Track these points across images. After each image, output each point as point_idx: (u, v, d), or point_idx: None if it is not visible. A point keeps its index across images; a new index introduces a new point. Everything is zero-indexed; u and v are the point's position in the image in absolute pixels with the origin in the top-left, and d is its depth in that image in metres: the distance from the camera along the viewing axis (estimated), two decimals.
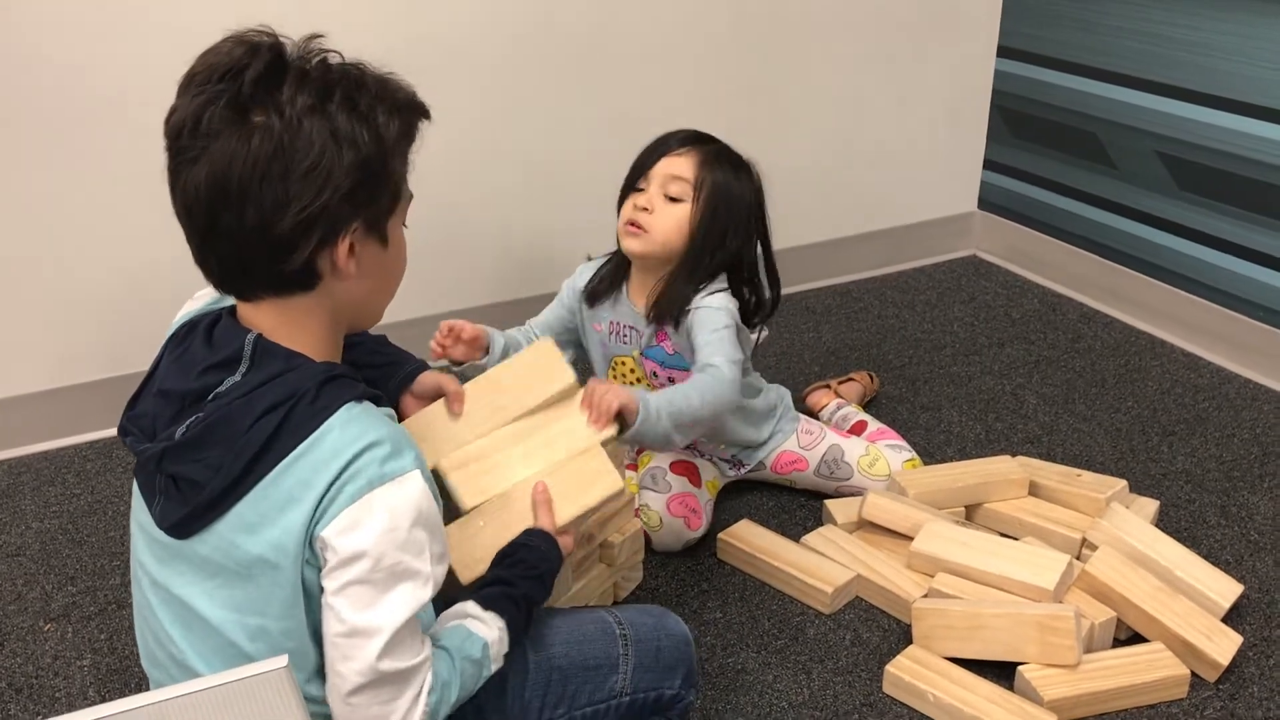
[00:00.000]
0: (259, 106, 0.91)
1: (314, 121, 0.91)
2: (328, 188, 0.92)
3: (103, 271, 2.00)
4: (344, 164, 0.93)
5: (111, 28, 1.85)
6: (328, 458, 0.92)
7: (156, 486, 0.99)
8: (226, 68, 0.93)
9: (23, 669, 1.51)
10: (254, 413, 0.93)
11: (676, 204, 1.56)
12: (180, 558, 0.99)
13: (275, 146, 0.90)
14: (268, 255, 0.94)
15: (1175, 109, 2.24)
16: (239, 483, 0.93)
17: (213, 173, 0.91)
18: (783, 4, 2.35)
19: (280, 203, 0.91)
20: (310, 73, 0.94)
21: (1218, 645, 1.43)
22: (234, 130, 0.90)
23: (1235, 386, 2.15)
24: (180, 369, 1.00)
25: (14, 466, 1.99)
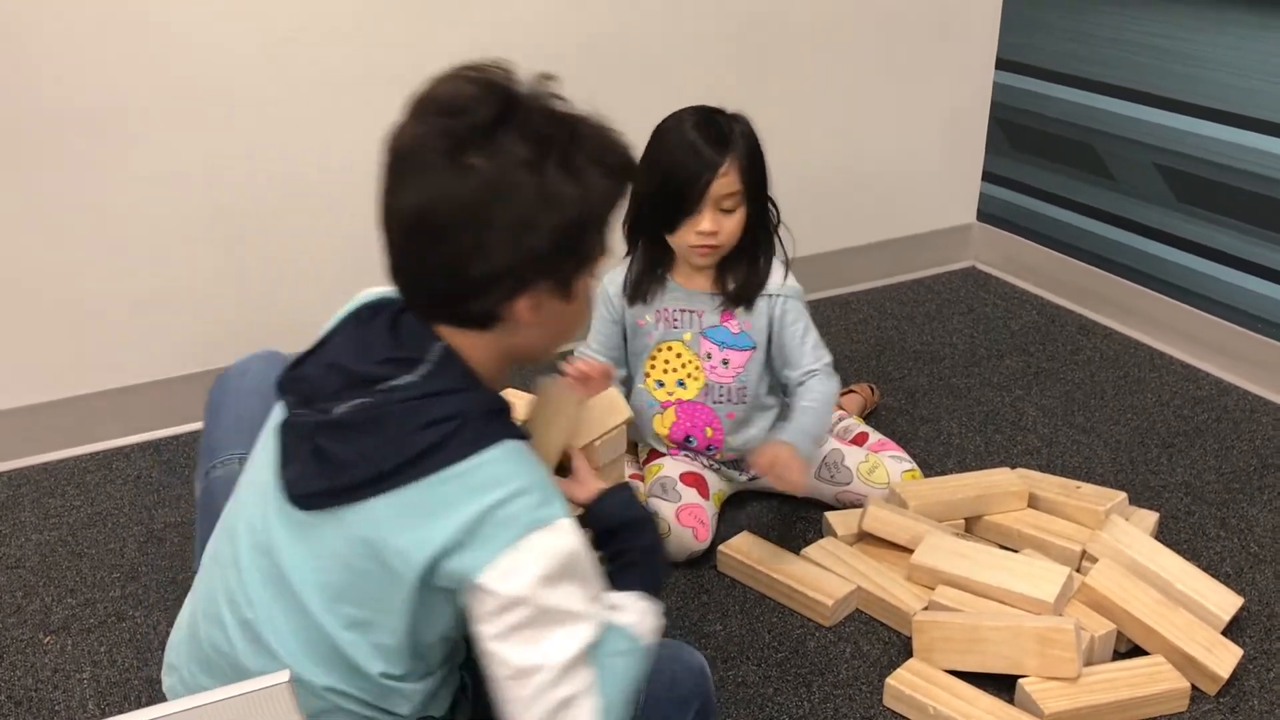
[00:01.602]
0: (478, 149, 0.91)
1: (526, 177, 0.92)
2: (524, 247, 0.93)
3: (104, 283, 2.00)
4: (546, 226, 0.93)
5: (116, 38, 1.85)
6: (484, 485, 0.93)
7: (299, 453, 0.99)
8: (456, 104, 0.94)
9: (22, 681, 1.51)
10: (423, 419, 0.94)
11: (732, 214, 1.63)
12: (297, 527, 0.99)
13: (484, 195, 0.91)
14: (452, 293, 0.96)
15: (1174, 122, 2.25)
16: (386, 478, 0.94)
17: (420, 204, 0.93)
18: (782, 17, 2.35)
19: (475, 250, 0.92)
20: (533, 121, 0.94)
21: (1218, 658, 1.43)
22: (448, 168, 0.91)
23: (1234, 398, 2.15)
24: (358, 349, 1.01)
25: (14, 478, 1.98)
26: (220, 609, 1.06)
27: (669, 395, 1.76)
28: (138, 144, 1.93)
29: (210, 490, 1.31)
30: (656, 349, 1.75)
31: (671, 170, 1.60)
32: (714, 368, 1.73)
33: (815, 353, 1.72)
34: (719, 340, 1.71)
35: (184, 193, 1.99)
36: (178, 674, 1.13)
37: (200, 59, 1.92)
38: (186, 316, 2.08)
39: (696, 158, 1.58)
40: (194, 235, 2.03)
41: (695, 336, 1.72)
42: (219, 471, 1.31)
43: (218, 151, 1.99)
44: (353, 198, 2.12)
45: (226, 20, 1.91)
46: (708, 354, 1.72)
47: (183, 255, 2.04)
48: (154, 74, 1.90)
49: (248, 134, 2.00)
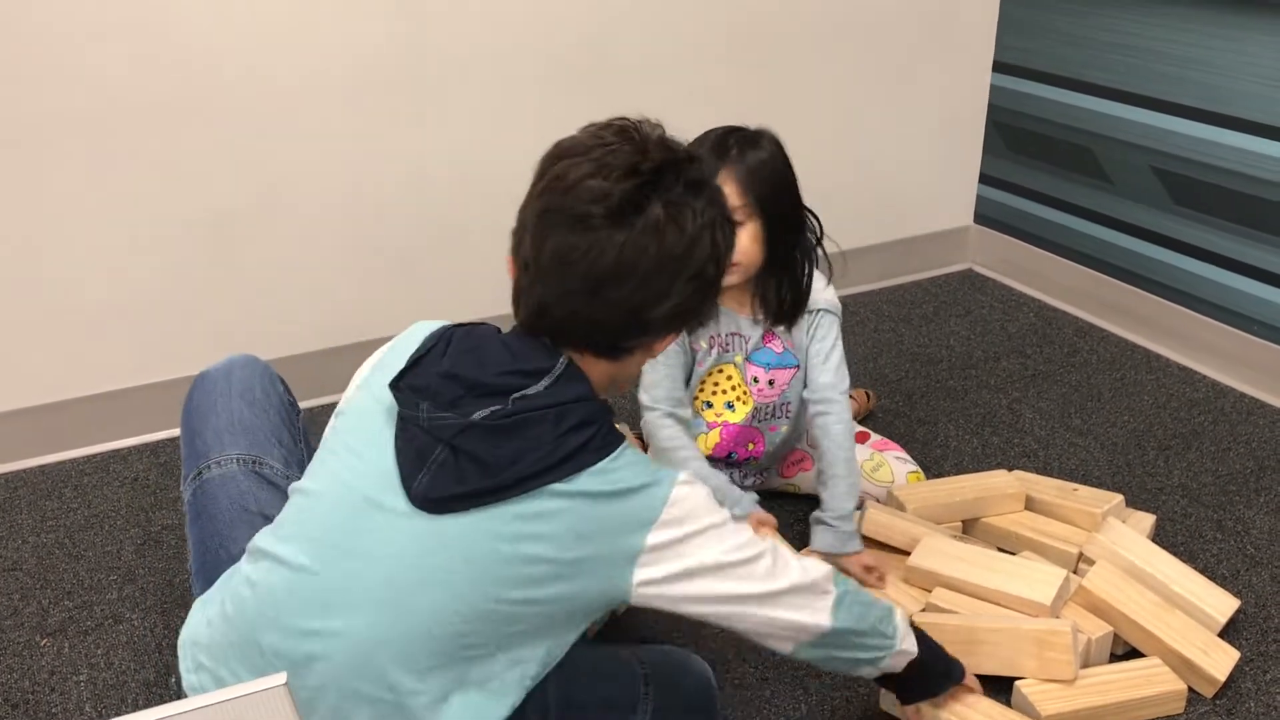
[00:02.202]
0: (674, 208, 1.03)
1: (710, 234, 1.05)
2: (700, 293, 1.07)
3: (101, 286, 2.00)
4: (712, 275, 1.08)
5: (112, 42, 1.85)
6: (628, 478, 1.04)
7: (431, 457, 1.04)
8: (651, 162, 1.04)
9: (19, 684, 1.51)
10: (566, 424, 1.02)
11: (741, 228, 1.56)
12: (423, 531, 1.04)
13: (683, 250, 1.03)
14: (626, 329, 1.07)
15: (1170, 124, 2.25)
16: (532, 479, 1.01)
17: (623, 255, 1.02)
18: (779, 20, 2.36)
19: (664, 295, 1.04)
20: (708, 191, 1.07)
21: (1215, 660, 1.43)
22: (648, 219, 1.02)
23: (1231, 401, 2.16)
24: (477, 362, 1.06)
25: (11, 480, 1.98)
26: (294, 619, 1.06)
27: (716, 417, 1.74)
28: (134, 148, 1.93)
29: (205, 490, 1.30)
30: (709, 373, 1.72)
31: None
32: (761, 390, 1.71)
33: (838, 374, 1.66)
34: (764, 363, 1.69)
35: (180, 197, 1.99)
36: (211, 674, 1.12)
37: (196, 63, 1.92)
38: (182, 320, 2.08)
39: None
40: (189, 239, 2.03)
41: (743, 361, 1.70)
42: (215, 471, 1.31)
43: (213, 156, 1.99)
44: (347, 202, 2.12)
45: (222, 25, 1.91)
46: (754, 378, 1.70)
47: (178, 259, 2.04)
48: (150, 78, 1.90)
49: (243, 138, 2.00)
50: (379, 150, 2.11)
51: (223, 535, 1.25)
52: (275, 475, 1.33)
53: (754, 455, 1.76)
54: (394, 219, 2.17)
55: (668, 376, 1.67)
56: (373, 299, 2.21)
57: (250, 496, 1.28)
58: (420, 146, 2.13)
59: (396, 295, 2.22)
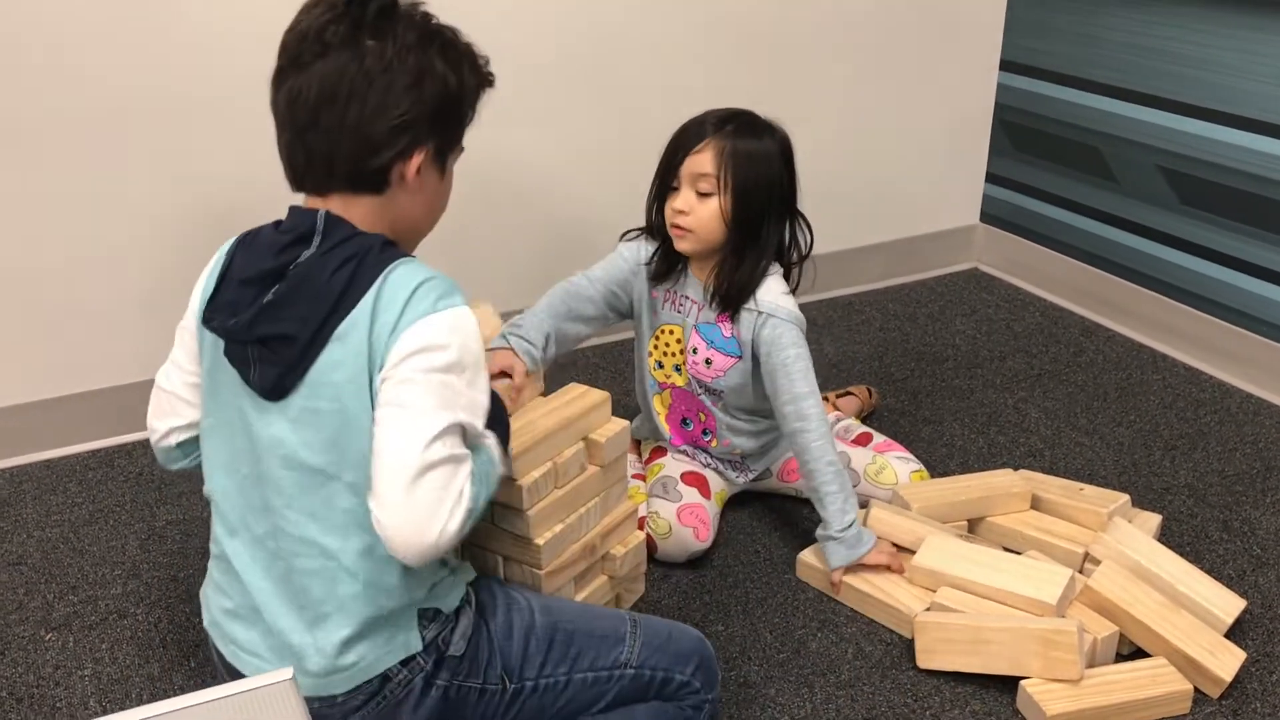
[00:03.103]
0: (375, 33, 1.08)
1: (417, 55, 1.09)
2: (419, 106, 1.10)
3: (107, 281, 2.00)
4: (434, 91, 1.11)
5: (117, 40, 1.85)
6: (393, 291, 1.06)
7: (250, 356, 1.10)
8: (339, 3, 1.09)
9: (23, 678, 1.51)
10: (329, 268, 1.07)
11: (708, 198, 1.61)
12: (280, 417, 1.10)
13: (386, 65, 1.08)
14: (356, 151, 1.10)
15: (1177, 123, 2.25)
16: (324, 326, 1.06)
17: (326, 77, 1.08)
18: (787, 18, 2.35)
19: (380, 108, 1.08)
20: (417, 19, 1.12)
21: (1221, 661, 1.43)
22: (351, 46, 1.07)
23: (1237, 401, 2.15)
24: (256, 257, 1.13)
25: (15, 475, 1.98)
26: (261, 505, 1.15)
27: (666, 378, 1.78)
28: (141, 145, 1.93)
29: None
30: (660, 329, 1.76)
31: (669, 146, 1.65)
32: (696, 363, 1.72)
33: (808, 382, 1.63)
34: (708, 338, 1.70)
35: (185, 194, 1.99)
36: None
37: (203, 61, 1.92)
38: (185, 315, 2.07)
39: (685, 133, 1.64)
40: (195, 235, 2.03)
41: (690, 327, 1.72)
42: None
43: (219, 153, 1.99)
44: None
45: (227, 22, 1.91)
46: (694, 348, 1.72)
47: (183, 254, 2.04)
48: (155, 75, 1.90)
49: (248, 134, 2.00)
50: None
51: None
52: None
53: (709, 429, 1.77)
54: None
55: (612, 268, 1.76)
56: None
57: None
58: None
59: None
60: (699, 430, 1.78)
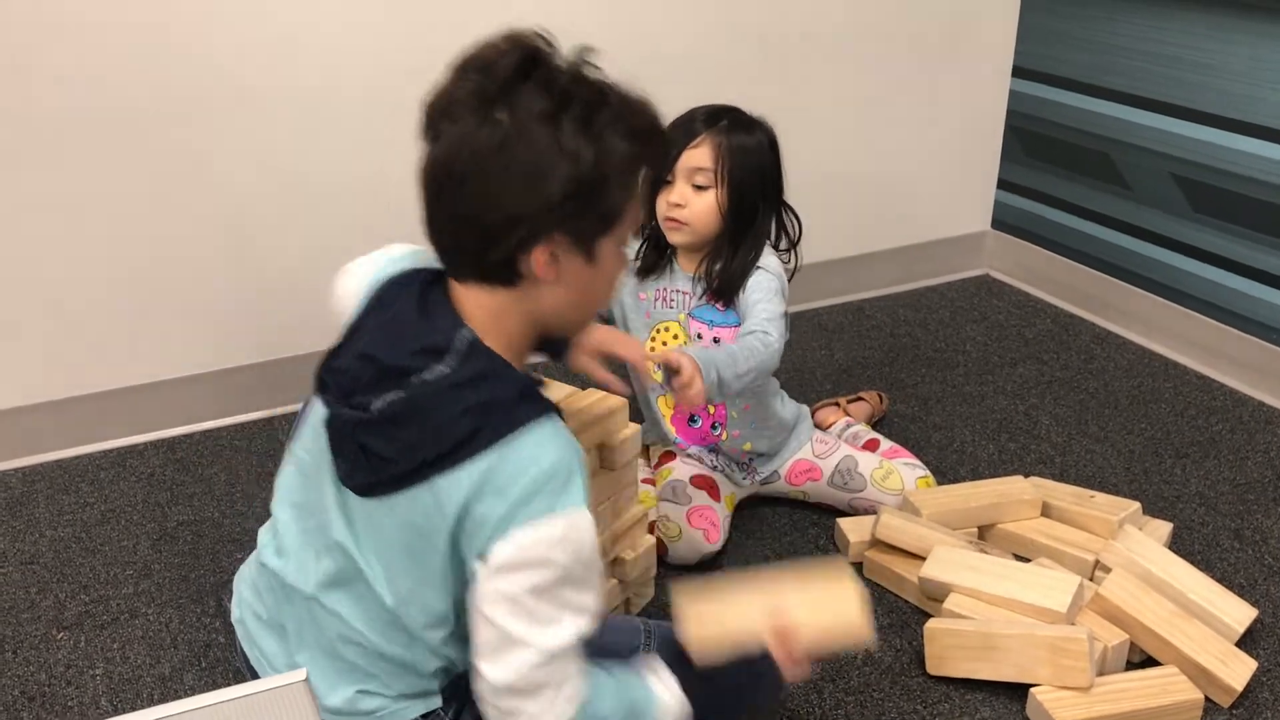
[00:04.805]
0: (500, 103, 0.96)
1: (542, 129, 0.95)
2: (537, 195, 0.96)
3: (119, 281, 2.01)
4: (558, 176, 0.96)
5: (124, 38, 1.86)
6: (513, 472, 0.96)
7: (347, 449, 1.04)
8: (486, 61, 0.99)
9: (35, 677, 1.52)
10: (454, 408, 0.98)
11: (704, 191, 1.64)
12: (357, 510, 1.06)
13: (500, 143, 0.95)
14: (476, 242, 1.00)
15: (1190, 131, 2.24)
16: (428, 467, 0.98)
17: (445, 154, 0.98)
18: (798, 23, 2.35)
19: (491, 195, 0.97)
20: (557, 81, 0.98)
21: (1232, 670, 1.42)
22: (472, 120, 0.96)
23: (1249, 409, 2.14)
24: (389, 339, 1.04)
25: (28, 474, 1.99)
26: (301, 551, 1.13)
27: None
28: (155, 147, 1.94)
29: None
30: (655, 329, 1.76)
31: None
32: (707, 346, 1.72)
33: (766, 311, 1.61)
34: (707, 319, 1.72)
35: (198, 196, 2.00)
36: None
37: (217, 63, 1.93)
38: (199, 316, 2.08)
39: (679, 128, 1.66)
40: (207, 237, 2.04)
41: (686, 318, 1.73)
42: None
43: (234, 155, 2.00)
44: (362, 198, 2.12)
45: (235, 21, 1.92)
46: (698, 334, 1.73)
47: (195, 255, 2.05)
48: (170, 78, 1.90)
49: (258, 134, 2.01)
50: (397, 149, 2.11)
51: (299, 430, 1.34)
52: None
53: (719, 420, 1.77)
54: (411, 217, 2.17)
55: None
56: None
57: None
58: None
59: None
60: (708, 425, 1.78)
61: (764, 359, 1.55)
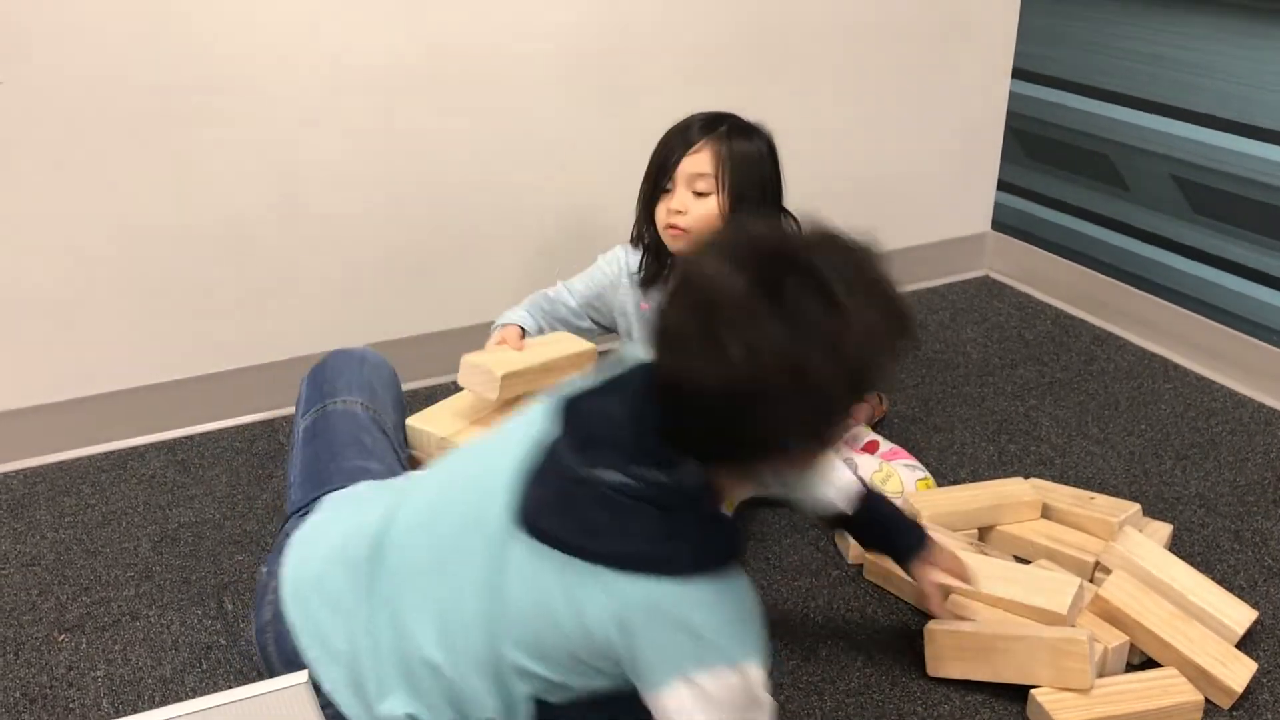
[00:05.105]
0: (785, 319, 0.92)
1: (786, 353, 0.92)
2: (818, 427, 0.99)
3: (118, 283, 2.01)
4: (841, 408, 0.99)
5: (123, 40, 1.86)
6: (688, 611, 0.99)
7: (548, 485, 1.05)
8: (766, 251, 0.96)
9: (36, 679, 1.52)
10: (665, 529, 1.00)
11: (705, 198, 1.64)
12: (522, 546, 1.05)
13: (752, 371, 0.92)
14: (739, 452, 1.01)
15: (1190, 133, 2.24)
16: (609, 560, 1.00)
17: (731, 380, 0.94)
18: (796, 25, 2.36)
19: (778, 428, 0.96)
20: (807, 292, 0.94)
21: (1232, 672, 1.42)
22: (751, 334, 0.92)
23: (1249, 411, 2.14)
24: (636, 420, 1.04)
25: (29, 476, 2.00)
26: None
27: None
28: (152, 148, 1.94)
29: (327, 419, 1.45)
30: None
31: (659, 149, 1.68)
32: None
33: None
34: None
35: (196, 197, 2.00)
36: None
37: (214, 65, 1.93)
38: (200, 317, 2.09)
39: (678, 135, 1.66)
40: (206, 239, 2.04)
41: None
42: (340, 407, 1.47)
43: (231, 157, 2.00)
44: (363, 204, 2.13)
45: (240, 26, 1.92)
46: None
47: (195, 257, 2.05)
48: (167, 80, 1.91)
49: (256, 137, 2.01)
50: (396, 152, 2.12)
51: (335, 452, 1.38)
52: (388, 430, 1.49)
53: None
54: (411, 221, 2.18)
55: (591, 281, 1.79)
56: (389, 301, 2.21)
57: (366, 433, 1.43)
58: (439, 147, 2.14)
59: (413, 298, 2.23)
60: None
61: None
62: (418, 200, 2.16)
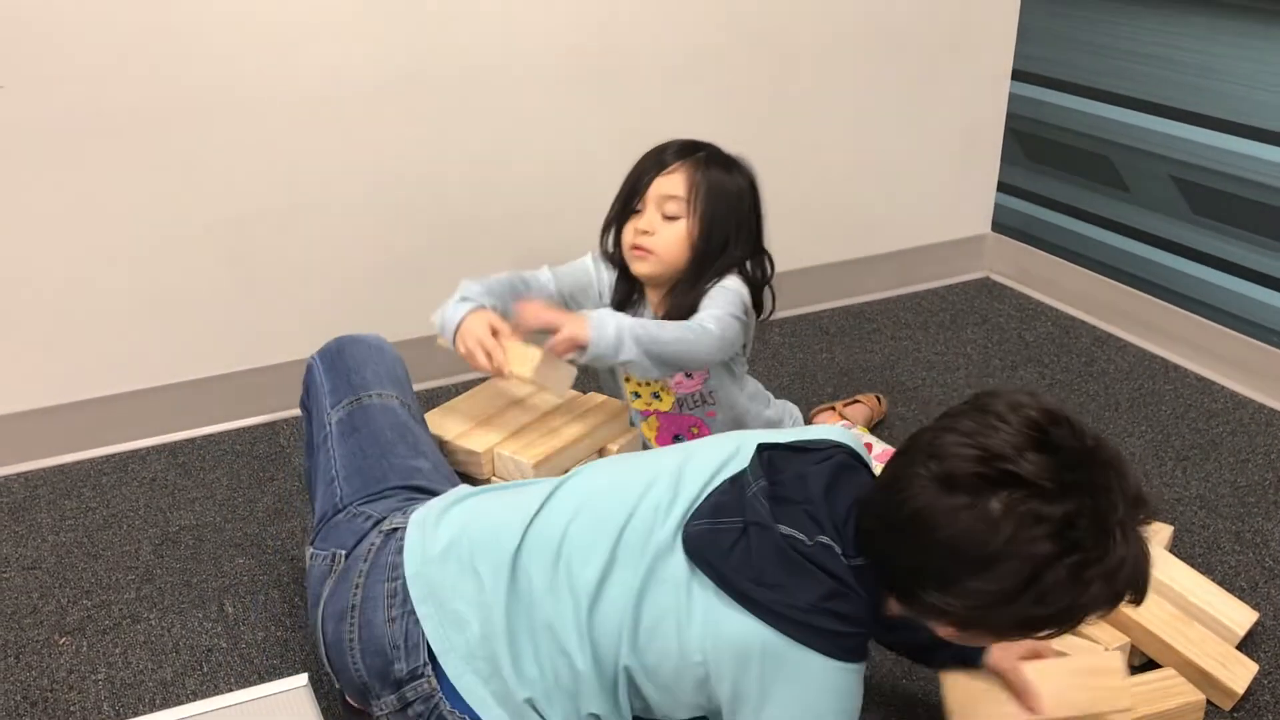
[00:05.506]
0: (1011, 509, 0.93)
1: (1030, 557, 0.93)
2: (984, 615, 0.98)
3: (120, 286, 2.01)
4: (1016, 612, 0.96)
5: (128, 43, 1.87)
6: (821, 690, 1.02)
7: (729, 516, 1.08)
8: (1023, 467, 0.94)
9: (38, 682, 1.52)
10: (830, 602, 1.02)
11: (675, 221, 1.60)
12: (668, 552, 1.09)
13: (979, 548, 0.94)
14: (900, 579, 1.03)
15: (1189, 134, 2.24)
16: (764, 612, 1.02)
17: (921, 513, 0.96)
18: (797, 27, 2.36)
19: (944, 582, 0.97)
20: (1079, 525, 0.93)
21: (1233, 673, 1.42)
22: (966, 503, 0.94)
23: (1249, 411, 2.14)
24: (828, 487, 1.08)
25: (30, 479, 2.00)
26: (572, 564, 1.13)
27: (647, 405, 1.77)
28: (155, 150, 1.94)
29: (365, 413, 1.43)
30: None
31: (633, 170, 1.64)
32: (680, 381, 1.71)
33: (710, 309, 1.57)
34: None
35: (199, 199, 2.00)
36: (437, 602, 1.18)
37: (216, 66, 1.93)
38: (201, 320, 2.09)
39: (652, 157, 1.63)
40: (209, 241, 2.04)
41: None
42: (376, 401, 1.45)
43: (234, 158, 2.00)
44: (366, 204, 2.13)
45: (242, 28, 1.92)
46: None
47: (198, 260, 2.05)
48: (171, 81, 1.91)
49: (260, 139, 2.01)
50: (399, 153, 2.12)
51: (384, 447, 1.38)
52: (424, 425, 1.49)
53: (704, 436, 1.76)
54: (412, 221, 2.18)
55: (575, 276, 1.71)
56: (391, 301, 2.21)
57: (409, 430, 1.42)
58: (439, 149, 2.14)
59: (414, 298, 2.23)
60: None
61: (692, 342, 1.50)
62: (418, 202, 2.16)
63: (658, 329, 1.49)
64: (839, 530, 1.06)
